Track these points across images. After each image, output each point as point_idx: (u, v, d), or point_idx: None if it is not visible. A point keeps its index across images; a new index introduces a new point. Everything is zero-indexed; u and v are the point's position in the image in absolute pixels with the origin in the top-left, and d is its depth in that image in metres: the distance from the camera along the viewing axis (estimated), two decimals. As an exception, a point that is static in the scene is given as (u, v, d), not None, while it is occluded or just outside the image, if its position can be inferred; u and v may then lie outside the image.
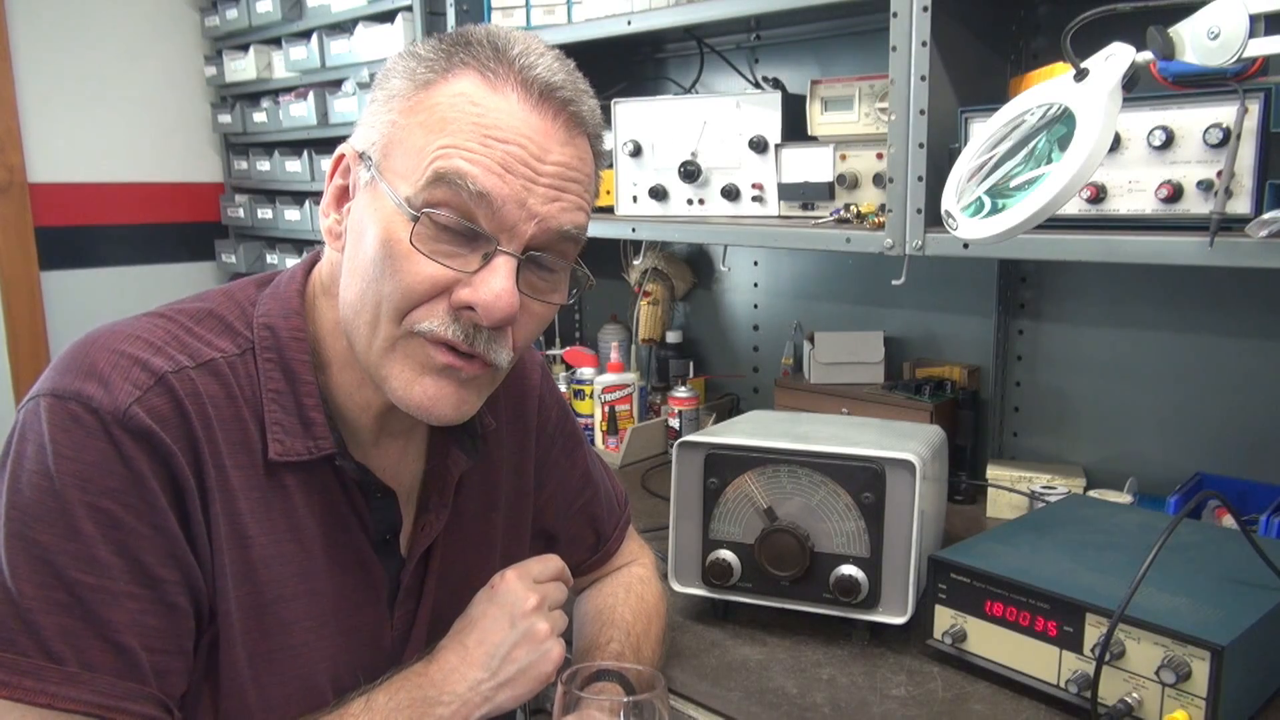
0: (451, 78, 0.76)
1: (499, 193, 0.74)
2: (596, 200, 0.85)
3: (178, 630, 0.74)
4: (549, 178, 0.76)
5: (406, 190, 0.75)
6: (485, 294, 0.75)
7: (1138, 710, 0.96)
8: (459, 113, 0.75)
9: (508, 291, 0.75)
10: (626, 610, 1.07)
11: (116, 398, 0.71)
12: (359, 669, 0.86)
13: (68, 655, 0.69)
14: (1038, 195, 0.84)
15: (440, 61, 0.77)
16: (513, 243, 0.76)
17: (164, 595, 0.73)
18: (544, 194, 0.76)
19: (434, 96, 0.76)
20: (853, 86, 1.55)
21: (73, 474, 0.70)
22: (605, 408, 2.02)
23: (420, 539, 0.90)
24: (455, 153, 0.74)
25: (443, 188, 0.74)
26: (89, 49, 2.82)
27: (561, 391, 1.18)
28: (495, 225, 0.75)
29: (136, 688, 0.71)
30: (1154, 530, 1.07)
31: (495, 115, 0.74)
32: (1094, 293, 1.65)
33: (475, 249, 0.76)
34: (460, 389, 0.80)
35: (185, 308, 0.82)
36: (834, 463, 1.14)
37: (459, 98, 0.75)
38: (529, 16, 1.86)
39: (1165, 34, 0.85)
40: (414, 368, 0.78)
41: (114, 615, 0.70)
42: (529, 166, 0.75)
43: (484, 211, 0.74)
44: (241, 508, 0.78)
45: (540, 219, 0.76)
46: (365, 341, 0.79)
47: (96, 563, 0.70)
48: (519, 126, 0.75)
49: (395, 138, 0.77)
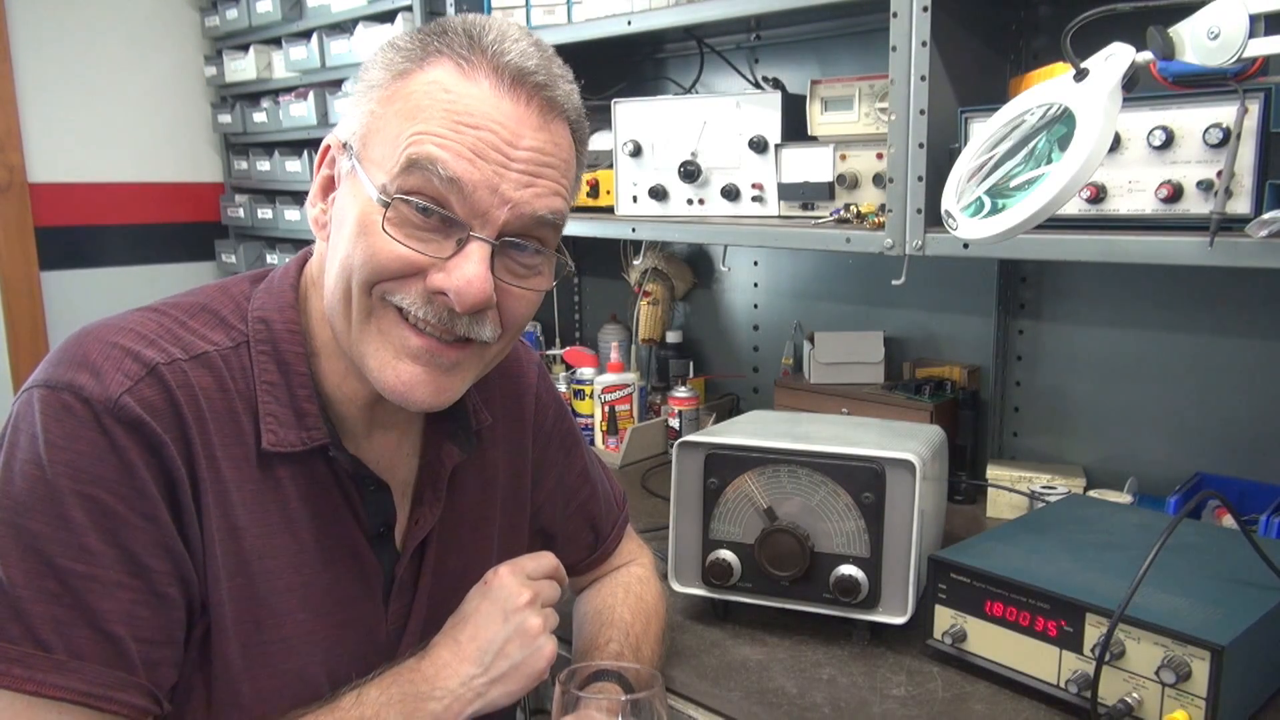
0: (427, 66, 0.77)
1: (469, 178, 0.74)
2: (580, 187, 0.86)
3: (168, 621, 0.74)
4: (522, 163, 0.76)
5: (382, 178, 0.76)
6: (457, 279, 0.75)
7: (1138, 710, 0.96)
8: (431, 100, 0.75)
9: (479, 277, 0.76)
10: (625, 610, 1.07)
11: (108, 387, 0.72)
12: (354, 662, 0.86)
13: (56, 644, 0.69)
14: (1038, 195, 0.84)
15: (417, 51, 0.78)
16: (486, 228, 0.76)
17: (154, 585, 0.73)
18: (517, 179, 0.76)
19: (409, 85, 0.77)
20: (853, 86, 1.55)
21: (64, 463, 0.70)
22: (605, 408, 2.02)
23: (414, 532, 0.91)
24: (427, 139, 0.74)
25: (415, 174, 0.74)
26: (89, 49, 2.82)
27: (560, 392, 1.18)
28: (468, 211, 0.76)
29: (125, 677, 0.71)
30: (1154, 530, 1.07)
31: (467, 101, 0.75)
32: (1094, 293, 1.65)
33: (449, 235, 0.76)
34: (439, 375, 0.80)
35: (179, 302, 0.83)
36: (834, 463, 1.14)
37: (432, 85, 0.76)
38: (529, 16, 1.85)
39: (1165, 34, 0.85)
40: (391, 350, 0.79)
41: (104, 604, 0.70)
42: (500, 152, 0.75)
43: (456, 197, 0.75)
44: (234, 499, 0.78)
45: (514, 204, 0.76)
46: (343, 319, 0.79)
47: (87, 551, 0.70)
48: (490, 112, 0.75)
49: (373, 127, 0.78)
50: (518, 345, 1.03)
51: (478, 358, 0.83)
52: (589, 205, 1.84)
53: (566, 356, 2.22)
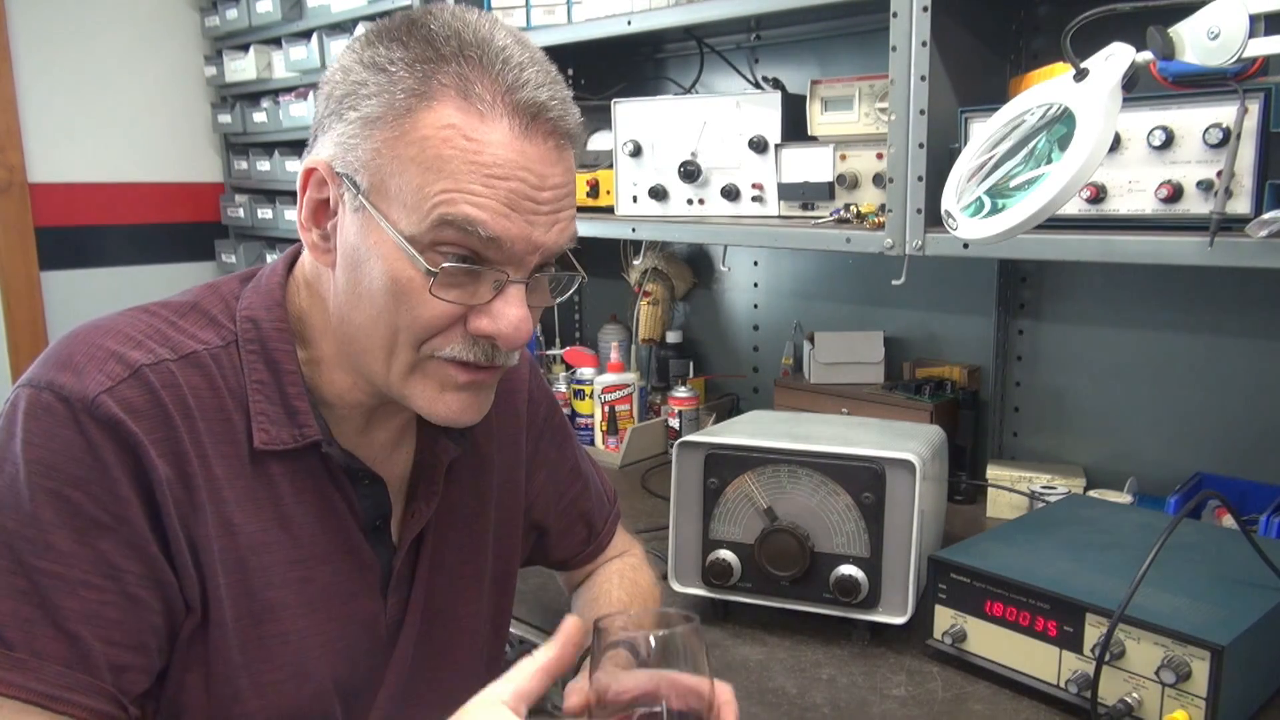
0: (435, 104, 0.73)
1: (508, 233, 0.75)
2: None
3: (139, 624, 0.74)
4: (549, 204, 0.77)
5: (409, 228, 0.74)
6: (505, 326, 0.77)
7: (1138, 710, 0.96)
8: (453, 150, 0.73)
9: (525, 320, 0.78)
10: (621, 593, 1.09)
11: (87, 387, 0.72)
12: (354, 655, 0.87)
13: (19, 642, 0.69)
14: (1038, 195, 0.84)
15: (415, 84, 0.73)
16: (520, 271, 0.78)
17: (124, 587, 0.73)
18: (546, 223, 0.77)
19: (420, 127, 0.73)
20: (853, 86, 1.55)
21: (38, 460, 0.71)
22: (605, 408, 2.02)
23: (410, 526, 0.91)
24: (460, 197, 0.73)
25: (450, 230, 0.74)
26: (89, 49, 2.82)
27: (554, 391, 1.19)
28: (503, 258, 0.76)
29: (85, 679, 0.71)
30: (1154, 530, 1.07)
31: (492, 151, 0.73)
32: (1094, 293, 1.65)
33: (484, 280, 0.77)
34: (482, 396, 0.84)
35: (170, 302, 0.84)
36: (834, 463, 1.14)
37: (449, 130, 0.73)
38: (529, 16, 1.85)
39: (1165, 34, 0.85)
40: (436, 387, 0.81)
41: (68, 603, 0.70)
42: (530, 199, 0.75)
43: (493, 250, 0.76)
44: (227, 497, 0.78)
45: (544, 248, 0.78)
46: (382, 367, 0.80)
47: (53, 549, 0.70)
48: (516, 160, 0.74)
49: (386, 170, 0.74)
50: None
51: (498, 374, 0.86)
52: (589, 205, 1.84)
53: (566, 356, 2.22)
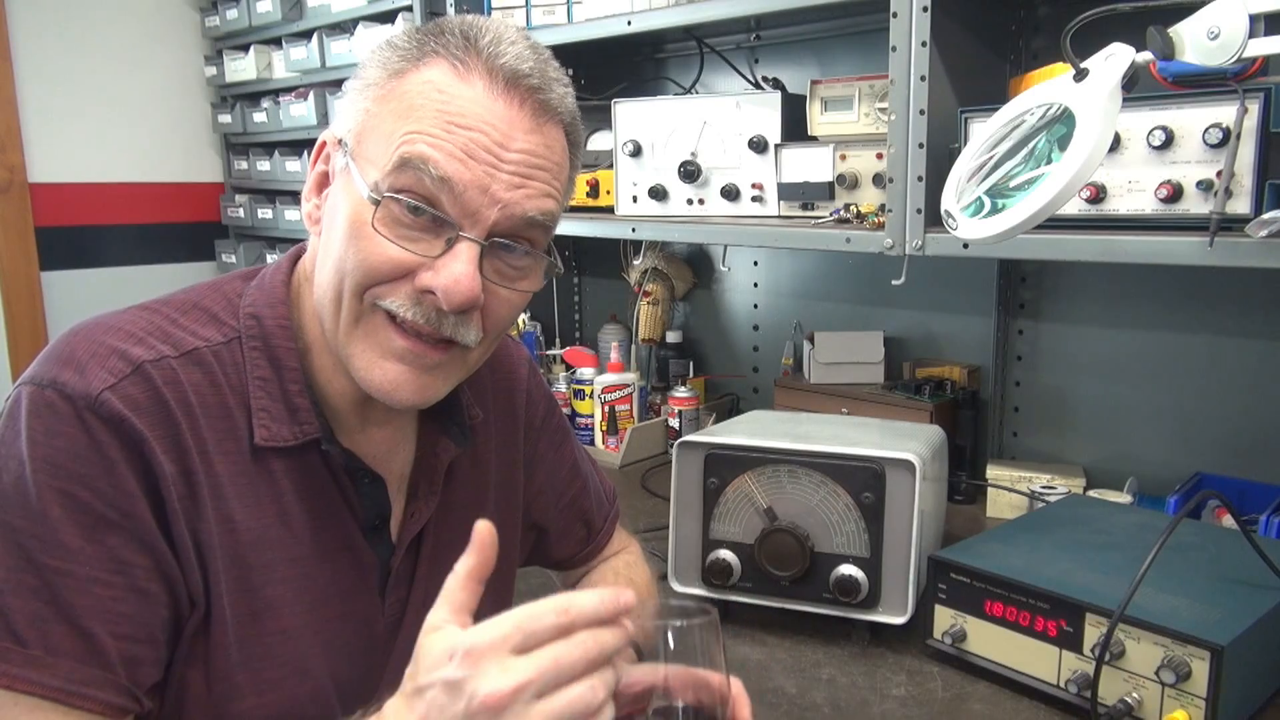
0: (423, 66, 0.77)
1: (460, 178, 0.75)
2: (574, 190, 0.87)
3: (149, 618, 0.74)
4: (513, 164, 0.77)
5: (375, 175, 0.76)
6: (445, 278, 0.76)
7: (1138, 710, 0.96)
8: (425, 100, 0.76)
9: (467, 276, 0.76)
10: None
11: (90, 384, 0.72)
12: (353, 654, 0.87)
13: (34, 639, 0.69)
14: (1038, 195, 0.84)
15: (413, 51, 0.78)
16: (476, 228, 0.77)
17: (134, 581, 0.73)
18: (508, 180, 0.77)
19: (404, 85, 0.77)
20: (853, 86, 1.55)
21: (44, 459, 0.71)
22: (605, 408, 2.02)
23: (410, 525, 0.91)
24: (419, 138, 0.75)
25: (407, 173, 0.75)
26: (89, 49, 2.82)
27: (554, 391, 1.19)
28: (458, 211, 0.76)
29: (100, 674, 0.71)
30: (1154, 530, 1.07)
31: (460, 102, 0.76)
32: (1094, 293, 1.65)
33: (439, 235, 0.77)
34: (423, 374, 0.81)
35: (172, 299, 0.84)
36: (834, 463, 1.14)
37: (427, 85, 0.76)
38: (529, 16, 1.86)
39: (1165, 34, 0.85)
40: (376, 350, 0.79)
41: (80, 600, 0.71)
42: (492, 153, 0.76)
43: (447, 197, 0.75)
44: (228, 493, 0.79)
45: (504, 205, 0.77)
46: (332, 320, 0.80)
47: (62, 547, 0.71)
48: (482, 114, 0.76)
49: (368, 125, 0.78)
50: (508, 342, 1.05)
51: (460, 361, 0.84)
52: (589, 205, 1.84)
53: (566, 356, 2.22)
